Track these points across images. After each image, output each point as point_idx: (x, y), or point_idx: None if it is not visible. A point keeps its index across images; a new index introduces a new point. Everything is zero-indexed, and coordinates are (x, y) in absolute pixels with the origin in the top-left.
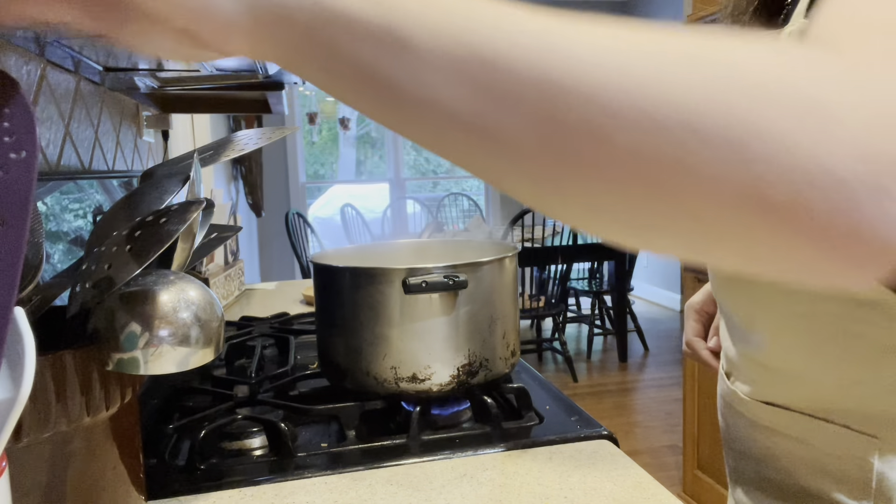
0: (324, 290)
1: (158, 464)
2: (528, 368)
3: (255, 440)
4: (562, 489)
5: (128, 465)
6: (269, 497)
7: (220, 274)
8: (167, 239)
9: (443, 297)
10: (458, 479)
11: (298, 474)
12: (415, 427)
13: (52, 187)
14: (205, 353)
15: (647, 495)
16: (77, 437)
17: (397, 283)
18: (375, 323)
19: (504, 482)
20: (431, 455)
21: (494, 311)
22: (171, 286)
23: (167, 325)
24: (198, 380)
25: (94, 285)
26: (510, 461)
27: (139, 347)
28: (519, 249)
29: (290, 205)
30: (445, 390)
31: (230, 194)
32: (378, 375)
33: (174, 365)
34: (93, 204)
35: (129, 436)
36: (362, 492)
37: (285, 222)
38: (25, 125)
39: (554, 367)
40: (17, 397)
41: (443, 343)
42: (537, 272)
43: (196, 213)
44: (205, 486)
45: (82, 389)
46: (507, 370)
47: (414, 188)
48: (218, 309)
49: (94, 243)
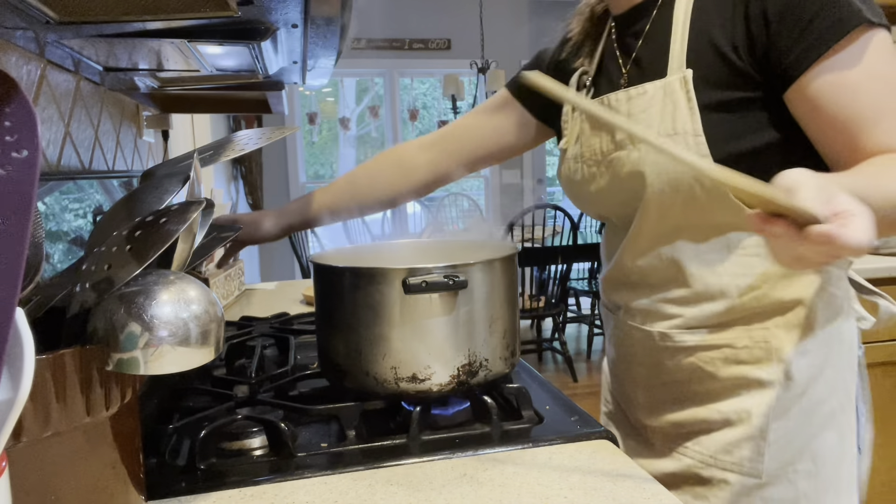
0: (324, 290)
1: (158, 464)
2: (528, 368)
3: (255, 440)
4: (562, 489)
5: (128, 465)
6: (269, 497)
7: (220, 274)
8: (167, 239)
9: (443, 297)
10: (458, 479)
11: (298, 474)
12: (415, 427)
13: (52, 187)
14: (205, 353)
15: (647, 495)
16: (77, 437)
17: (397, 283)
18: (375, 323)
19: (504, 482)
20: (431, 455)
21: (494, 311)
22: (171, 286)
23: (167, 325)
24: (198, 380)
25: (94, 285)
26: (510, 461)
27: (139, 347)
28: (519, 249)
29: None
30: (445, 390)
31: (230, 194)
32: (378, 375)
33: (174, 365)
34: (93, 204)
35: (129, 436)
36: (362, 492)
37: None
38: (27, 124)
39: (554, 367)
40: (17, 397)
41: (443, 343)
42: (537, 272)
43: (196, 213)
44: (205, 486)
45: (82, 389)
46: (507, 370)
47: None
48: (218, 309)
49: (94, 243)
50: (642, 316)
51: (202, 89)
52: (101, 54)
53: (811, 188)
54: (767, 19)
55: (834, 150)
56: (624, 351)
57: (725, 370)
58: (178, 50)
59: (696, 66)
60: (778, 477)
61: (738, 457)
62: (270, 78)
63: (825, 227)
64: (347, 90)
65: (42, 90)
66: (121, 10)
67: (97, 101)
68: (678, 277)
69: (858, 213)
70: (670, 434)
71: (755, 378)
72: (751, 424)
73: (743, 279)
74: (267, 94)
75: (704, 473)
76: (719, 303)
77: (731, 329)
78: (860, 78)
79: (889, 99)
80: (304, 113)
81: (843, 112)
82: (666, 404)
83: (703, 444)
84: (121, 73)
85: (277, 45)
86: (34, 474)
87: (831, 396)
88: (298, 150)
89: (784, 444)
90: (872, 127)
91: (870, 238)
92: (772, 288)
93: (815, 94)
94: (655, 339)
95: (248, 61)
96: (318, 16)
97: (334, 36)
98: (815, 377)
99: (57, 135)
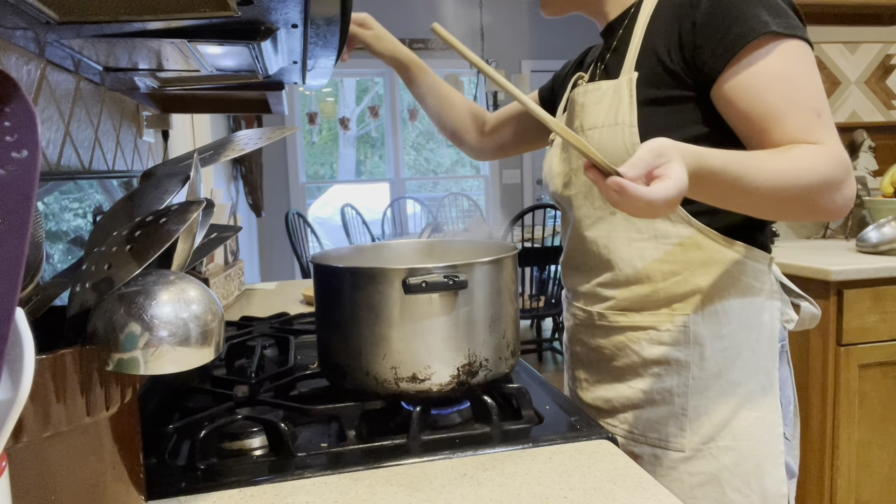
0: (324, 290)
1: (158, 464)
2: (528, 368)
3: (255, 440)
4: (562, 489)
5: (128, 465)
6: (269, 497)
7: (220, 274)
8: (167, 239)
9: (443, 297)
10: (458, 479)
11: (298, 474)
12: (415, 427)
13: (52, 187)
14: (205, 353)
15: (647, 495)
16: (77, 437)
17: (397, 283)
18: (375, 323)
19: (504, 482)
20: (431, 455)
21: (494, 311)
22: (171, 286)
23: (167, 325)
24: (198, 380)
25: (94, 285)
26: (510, 461)
27: (139, 347)
28: (519, 249)
29: (290, 205)
30: (445, 390)
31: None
32: (378, 375)
33: (174, 365)
34: (93, 204)
35: (129, 436)
36: (362, 492)
37: (285, 222)
38: (27, 124)
39: (554, 367)
40: (17, 397)
41: (443, 343)
42: (537, 272)
43: (196, 213)
44: (205, 486)
45: (82, 389)
46: (507, 370)
47: (414, 188)
48: (218, 309)
49: (94, 243)
50: (585, 298)
51: (202, 89)
52: (101, 54)
53: (645, 150)
54: (695, 28)
55: (751, 143)
56: (571, 332)
57: (649, 350)
58: (178, 50)
59: (641, 68)
60: (700, 451)
61: (664, 433)
62: (270, 78)
63: (621, 179)
64: (347, 90)
65: (42, 90)
66: (121, 10)
67: (97, 101)
68: (611, 262)
69: (669, 179)
70: (604, 411)
71: (674, 358)
72: (672, 403)
73: (666, 265)
74: (267, 94)
75: (636, 450)
76: (645, 286)
77: (655, 312)
78: (768, 79)
79: (795, 97)
80: (304, 113)
81: (754, 109)
82: (600, 382)
83: (632, 422)
84: (121, 73)
85: (277, 45)
86: (34, 474)
87: (750, 379)
88: (298, 150)
89: (704, 421)
90: (781, 122)
91: (665, 201)
92: (692, 275)
93: (730, 92)
94: (594, 318)
95: (248, 61)
96: (318, 16)
97: (334, 36)
98: (731, 360)
99: (57, 135)
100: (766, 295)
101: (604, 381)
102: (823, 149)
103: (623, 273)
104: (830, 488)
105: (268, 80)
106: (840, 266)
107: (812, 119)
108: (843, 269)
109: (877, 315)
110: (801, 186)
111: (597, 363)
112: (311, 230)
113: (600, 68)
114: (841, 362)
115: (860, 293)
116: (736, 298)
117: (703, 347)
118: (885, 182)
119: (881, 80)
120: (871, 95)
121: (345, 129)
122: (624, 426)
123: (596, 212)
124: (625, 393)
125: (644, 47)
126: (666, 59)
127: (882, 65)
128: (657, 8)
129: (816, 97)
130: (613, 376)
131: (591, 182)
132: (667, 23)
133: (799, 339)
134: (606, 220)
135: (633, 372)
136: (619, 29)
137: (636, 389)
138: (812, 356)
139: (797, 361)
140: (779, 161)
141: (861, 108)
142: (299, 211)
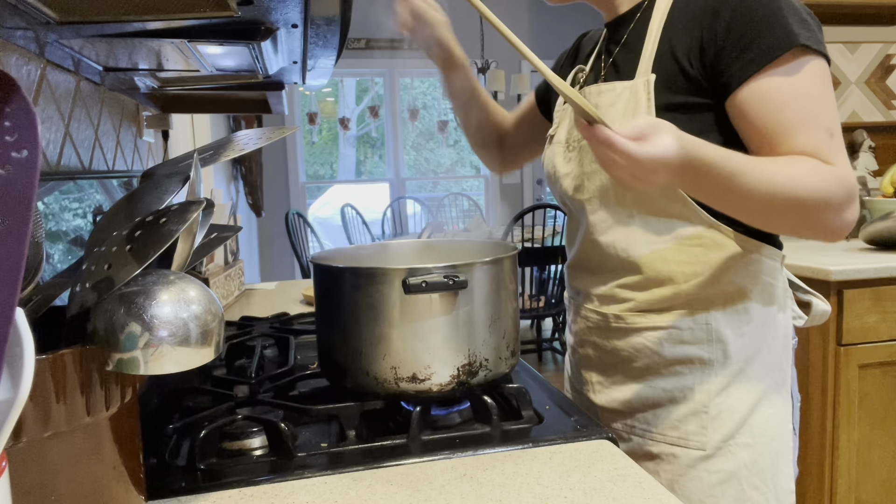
0: (324, 290)
1: (158, 464)
2: (528, 368)
3: (255, 440)
4: (562, 489)
5: (128, 465)
6: (269, 497)
7: (220, 274)
8: (167, 239)
9: (443, 297)
10: (458, 479)
11: (298, 474)
12: (415, 427)
13: (52, 187)
14: (205, 353)
15: (647, 495)
16: (77, 437)
17: (397, 283)
18: (375, 323)
19: (504, 482)
20: (431, 455)
21: (494, 311)
22: (171, 286)
23: (167, 325)
24: (198, 380)
25: (94, 285)
26: (510, 461)
27: (139, 347)
28: (519, 249)
29: (290, 205)
30: (445, 390)
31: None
32: (378, 375)
33: (174, 365)
34: (93, 204)
35: (129, 436)
36: (362, 492)
37: (285, 222)
38: (27, 124)
39: (554, 367)
40: (17, 397)
41: (443, 343)
42: (537, 272)
43: (196, 213)
44: (205, 486)
45: (82, 389)
46: (507, 370)
47: (414, 188)
48: (218, 309)
49: (94, 243)
50: (599, 300)
51: (202, 89)
52: (101, 54)
53: (642, 120)
54: (717, 36)
55: (760, 154)
56: (581, 335)
57: (670, 349)
58: (178, 50)
59: (659, 71)
60: (720, 449)
61: (684, 431)
62: (270, 78)
63: (609, 132)
64: (347, 90)
65: (42, 90)
66: (121, 10)
67: (97, 101)
68: (632, 265)
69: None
70: (620, 412)
71: (697, 356)
72: (694, 401)
73: (689, 266)
74: (267, 94)
75: (654, 449)
76: (667, 288)
77: (677, 312)
78: (788, 94)
79: (811, 115)
80: (304, 113)
81: (768, 123)
82: (616, 384)
83: (651, 421)
84: (121, 73)
85: (277, 45)
86: (34, 474)
87: (766, 376)
88: (298, 150)
89: (725, 418)
90: (792, 137)
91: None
92: (714, 274)
93: (746, 103)
94: (610, 320)
95: (248, 61)
96: (318, 16)
97: (334, 36)
98: (751, 357)
99: (57, 135)
100: (781, 292)
101: (621, 383)
102: (829, 167)
103: (645, 276)
104: (830, 488)
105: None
106: (840, 266)
107: (824, 138)
108: (843, 269)
109: (877, 315)
110: (796, 198)
111: (612, 366)
112: (311, 230)
113: (606, 62)
114: (841, 362)
115: (860, 293)
116: (756, 296)
117: (726, 345)
118: (885, 182)
119: (881, 80)
120: (871, 95)
121: (345, 129)
122: (643, 426)
123: (612, 216)
124: (644, 393)
125: (661, 48)
126: (685, 63)
127: (882, 65)
128: (674, 7)
129: (831, 117)
130: (632, 377)
131: (585, 139)
132: (687, 25)
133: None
134: (624, 223)
135: (654, 372)
136: (629, 23)
137: (657, 389)
138: (812, 356)
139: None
140: (778, 168)
141: (861, 108)
142: (299, 211)
